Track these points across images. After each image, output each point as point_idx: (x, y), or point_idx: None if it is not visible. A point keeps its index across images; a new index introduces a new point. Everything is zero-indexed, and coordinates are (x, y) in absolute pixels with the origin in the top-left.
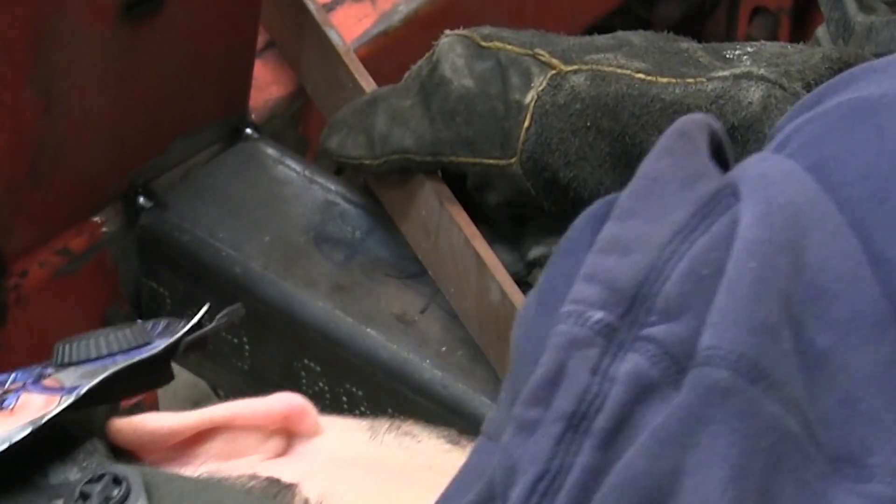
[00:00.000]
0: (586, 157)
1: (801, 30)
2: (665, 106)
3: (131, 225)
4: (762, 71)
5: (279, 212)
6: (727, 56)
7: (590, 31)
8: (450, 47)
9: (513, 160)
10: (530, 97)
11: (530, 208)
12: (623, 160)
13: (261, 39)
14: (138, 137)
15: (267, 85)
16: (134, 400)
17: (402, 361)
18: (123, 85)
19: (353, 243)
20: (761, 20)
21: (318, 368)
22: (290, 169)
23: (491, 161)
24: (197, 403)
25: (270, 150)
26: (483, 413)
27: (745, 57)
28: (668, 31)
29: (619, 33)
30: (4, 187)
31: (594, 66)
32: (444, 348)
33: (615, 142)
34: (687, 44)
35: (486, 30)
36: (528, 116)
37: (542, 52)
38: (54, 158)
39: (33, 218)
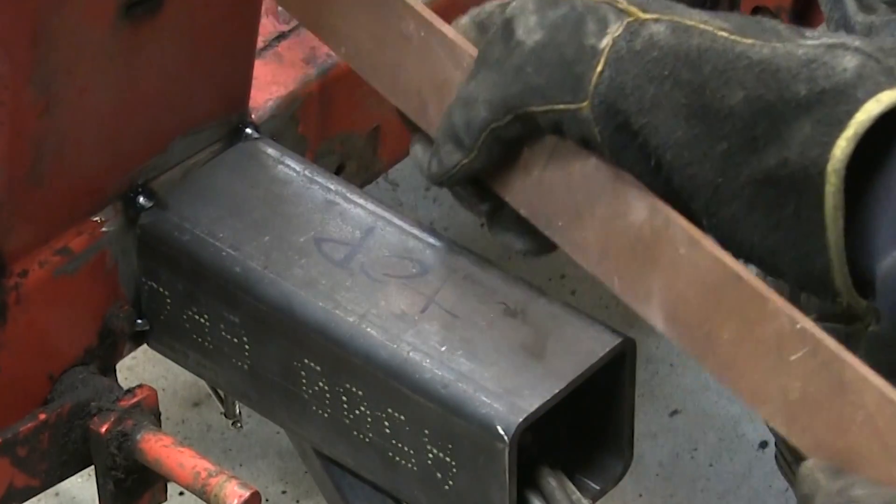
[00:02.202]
0: (660, 106)
1: None
2: (752, 64)
3: (131, 225)
4: (857, 44)
5: (279, 212)
6: (807, 35)
7: None
8: (522, 8)
9: (584, 104)
10: (605, 42)
11: None
12: (699, 113)
13: (260, 40)
14: (138, 137)
15: (267, 85)
16: (134, 400)
17: (402, 361)
18: (123, 85)
19: (353, 243)
20: None
21: (318, 368)
22: (290, 169)
23: (562, 106)
24: (197, 403)
25: (270, 150)
26: (483, 413)
27: (824, 38)
28: None
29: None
30: (4, 187)
31: (675, 18)
32: (444, 348)
33: (693, 94)
34: (767, 20)
35: None
36: (602, 61)
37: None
38: (54, 158)
39: (33, 218)
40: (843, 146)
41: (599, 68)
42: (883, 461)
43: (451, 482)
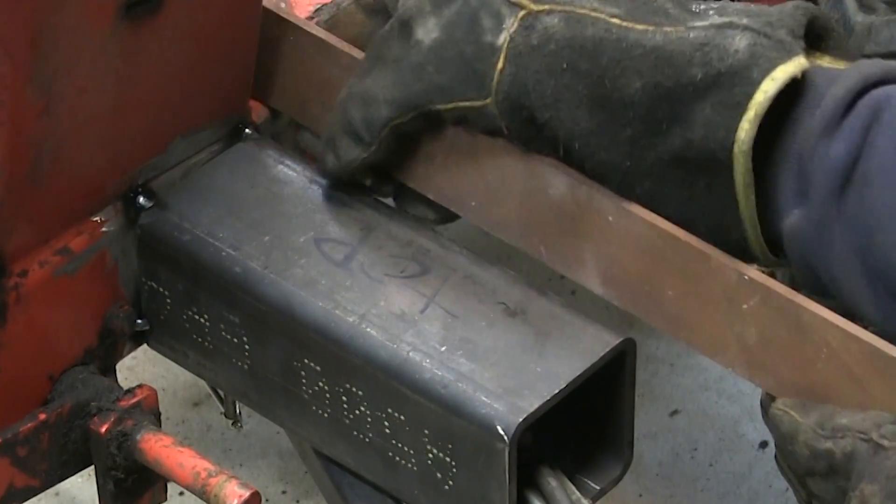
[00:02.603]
0: (563, 99)
1: None
2: (646, 52)
3: (131, 225)
4: (745, 21)
5: (279, 212)
6: (694, 10)
7: None
8: (419, 9)
9: (488, 101)
10: (503, 39)
11: None
12: (600, 102)
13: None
14: (138, 137)
15: None
16: (134, 400)
17: (402, 361)
18: (123, 85)
19: (353, 243)
20: None
21: (318, 368)
22: (290, 169)
23: (466, 104)
24: (197, 404)
25: (270, 150)
26: (483, 413)
27: (711, 11)
28: None
29: None
30: (4, 187)
31: (567, 8)
32: (444, 348)
33: (594, 84)
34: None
35: None
36: (502, 58)
37: None
38: (54, 158)
39: (33, 218)
40: (746, 128)
41: (500, 66)
42: (853, 392)
43: (451, 482)
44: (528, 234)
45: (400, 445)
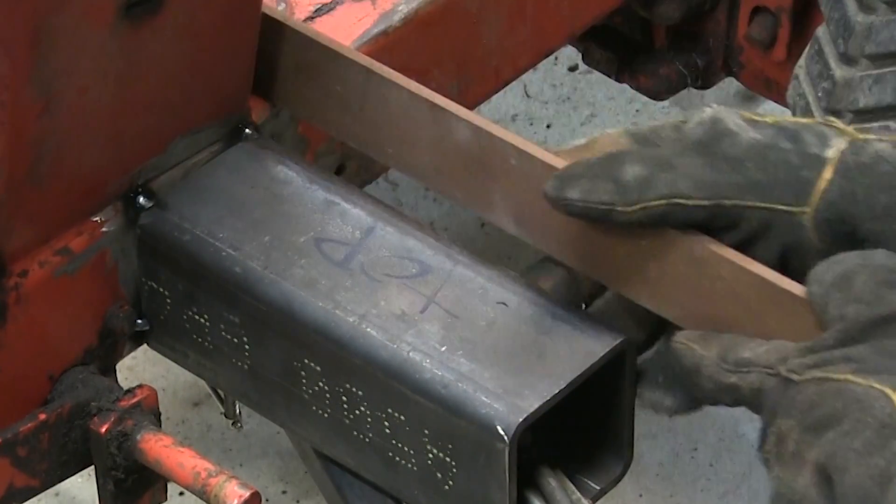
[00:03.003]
0: (893, 214)
1: (801, 30)
2: None
3: (131, 225)
4: None
5: (279, 212)
6: None
7: (590, 31)
8: (721, 110)
9: (806, 208)
10: (831, 153)
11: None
12: None
13: None
14: (138, 137)
15: None
16: (134, 400)
17: (402, 361)
18: (123, 85)
19: (353, 243)
20: (761, 20)
21: (318, 368)
22: (290, 169)
23: (782, 207)
24: (197, 404)
25: (270, 150)
26: (483, 413)
27: None
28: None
29: None
30: (4, 187)
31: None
32: (444, 348)
33: None
34: None
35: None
36: (831, 168)
37: (835, 119)
38: (54, 158)
39: (33, 218)
40: None
41: (828, 175)
42: (750, 324)
43: (451, 482)
44: (442, 179)
45: (400, 445)
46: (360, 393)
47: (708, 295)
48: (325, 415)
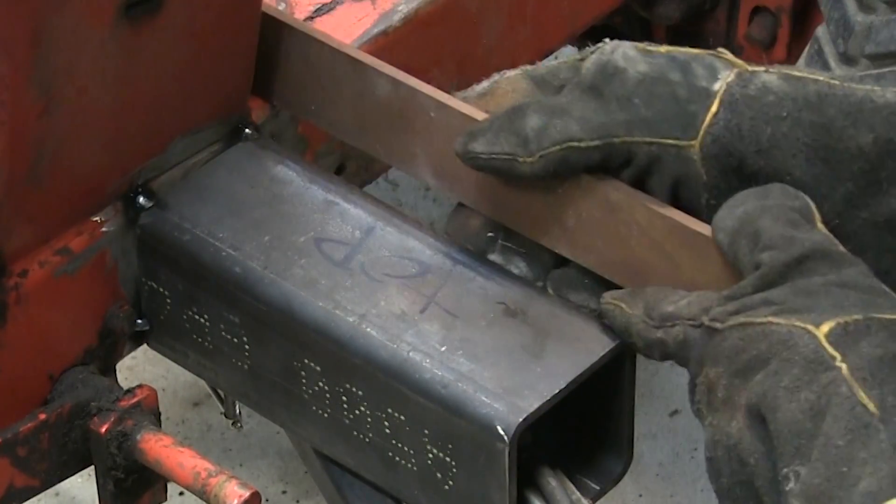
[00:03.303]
0: (779, 146)
1: (801, 30)
2: (878, 107)
3: (131, 225)
4: None
5: (279, 212)
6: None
7: (590, 31)
8: (615, 45)
9: (693, 142)
10: (718, 85)
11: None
12: (822, 153)
13: None
14: (138, 137)
15: None
16: (134, 400)
17: (402, 361)
18: (123, 85)
19: (353, 243)
20: (761, 20)
21: (318, 368)
22: (290, 169)
23: (669, 141)
24: (197, 404)
25: (270, 150)
26: (483, 413)
27: None
28: (668, 33)
29: None
30: (4, 187)
31: (783, 70)
32: (444, 348)
33: (817, 134)
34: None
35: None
36: (717, 102)
37: (724, 51)
38: (54, 158)
39: (33, 218)
40: None
41: (714, 109)
42: (666, 268)
43: (451, 482)
44: (364, 134)
45: (400, 445)
46: (360, 393)
47: (624, 240)
48: (325, 415)
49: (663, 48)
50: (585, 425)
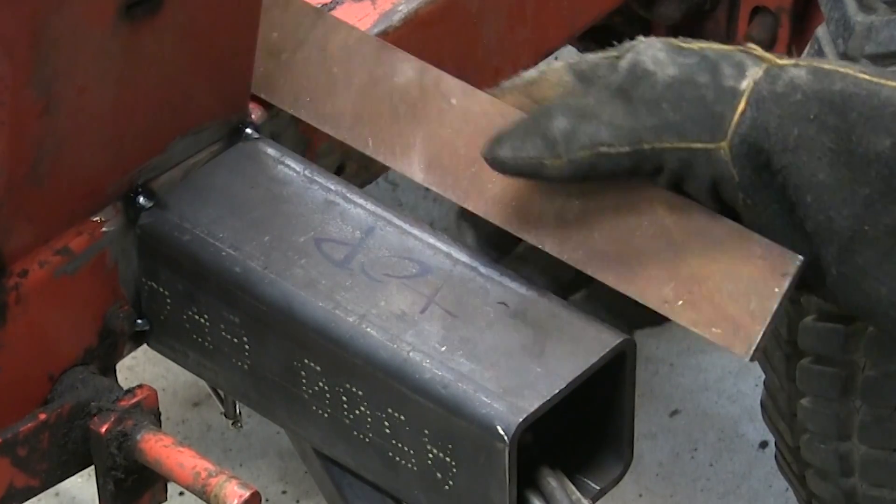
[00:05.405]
0: (804, 147)
1: (801, 30)
2: None
3: (131, 225)
4: None
5: (279, 212)
6: None
7: (590, 31)
8: (647, 45)
9: (722, 143)
10: (746, 84)
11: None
12: (844, 157)
13: None
14: (138, 137)
15: None
16: (134, 400)
17: (402, 361)
18: (123, 85)
19: (353, 243)
20: (761, 20)
21: (318, 368)
22: (290, 169)
23: (699, 145)
24: (197, 404)
25: (270, 150)
26: (483, 413)
27: None
28: (668, 33)
29: None
30: (4, 187)
31: (813, 63)
32: (444, 348)
33: (839, 138)
34: None
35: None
36: (744, 101)
37: (754, 46)
38: (54, 158)
39: (33, 218)
40: None
41: (741, 108)
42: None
43: (451, 482)
44: (358, 126)
45: (400, 445)
46: (360, 393)
47: (630, 230)
48: (325, 415)
49: (696, 44)
50: (586, 425)
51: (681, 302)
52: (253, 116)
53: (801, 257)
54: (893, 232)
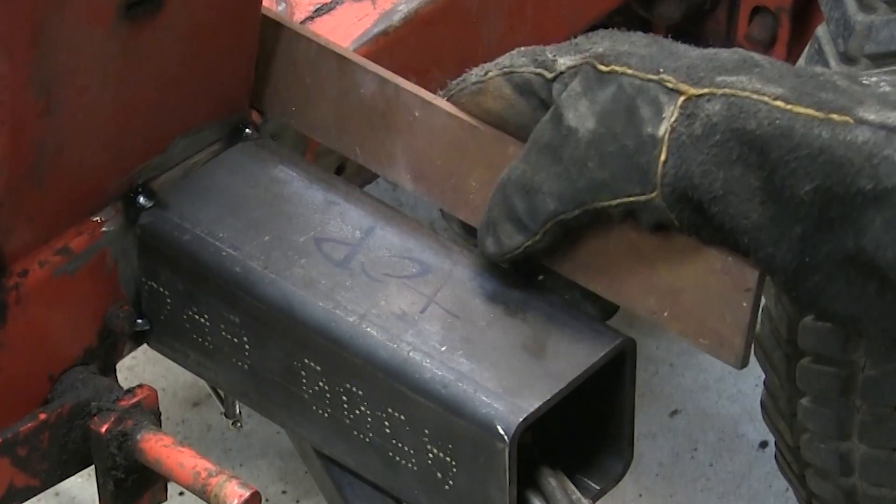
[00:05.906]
0: (733, 192)
1: (801, 29)
2: (813, 153)
3: (131, 225)
4: None
5: (279, 212)
6: (864, 82)
7: (590, 31)
8: (568, 93)
9: (654, 195)
10: (664, 129)
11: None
12: (773, 197)
13: None
14: (138, 137)
15: None
16: (134, 400)
17: (402, 361)
18: (123, 85)
19: (353, 243)
20: (761, 20)
21: (318, 368)
22: (290, 169)
23: (632, 199)
24: (197, 404)
25: (270, 150)
26: (483, 413)
27: (882, 84)
28: (668, 33)
29: (741, 51)
30: (5, 187)
31: (727, 91)
32: (444, 348)
33: (765, 178)
34: (821, 68)
35: (601, 48)
36: (664, 150)
37: (667, 77)
38: (54, 158)
39: (33, 218)
40: None
41: (663, 157)
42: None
43: (451, 482)
44: (344, 136)
45: (400, 445)
46: (360, 393)
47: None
48: (325, 415)
49: (617, 66)
50: (585, 425)
51: (666, 313)
52: (253, 116)
53: (757, 270)
54: (833, 258)
